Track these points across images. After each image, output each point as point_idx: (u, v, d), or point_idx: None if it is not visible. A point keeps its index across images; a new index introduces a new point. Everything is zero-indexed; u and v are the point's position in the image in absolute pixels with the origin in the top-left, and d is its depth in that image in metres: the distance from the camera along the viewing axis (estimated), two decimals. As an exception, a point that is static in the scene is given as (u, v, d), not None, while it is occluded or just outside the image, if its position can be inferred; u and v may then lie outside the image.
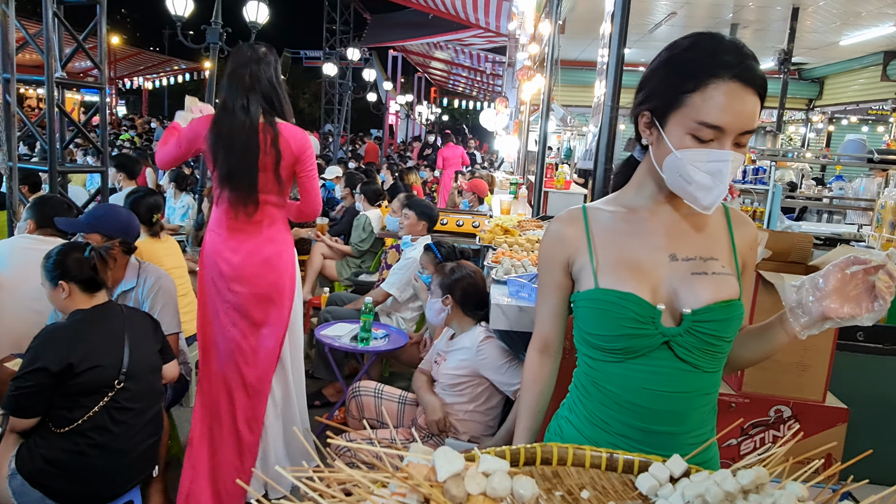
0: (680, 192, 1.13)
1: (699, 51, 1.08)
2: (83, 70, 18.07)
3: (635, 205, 1.23)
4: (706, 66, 1.06)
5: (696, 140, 1.07)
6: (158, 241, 3.44)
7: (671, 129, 1.10)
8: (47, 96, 3.89)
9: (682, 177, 1.10)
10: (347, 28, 17.33)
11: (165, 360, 2.48)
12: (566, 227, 1.26)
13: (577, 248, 1.23)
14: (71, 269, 2.23)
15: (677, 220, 1.21)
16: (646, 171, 1.22)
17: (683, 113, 1.08)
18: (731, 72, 1.04)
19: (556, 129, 11.82)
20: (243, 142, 2.44)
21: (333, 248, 5.52)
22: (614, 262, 1.18)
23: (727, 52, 1.06)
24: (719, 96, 1.04)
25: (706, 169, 1.07)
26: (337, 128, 15.08)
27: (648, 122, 1.15)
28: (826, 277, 1.02)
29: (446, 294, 2.72)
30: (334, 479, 0.75)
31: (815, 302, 1.04)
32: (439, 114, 33.68)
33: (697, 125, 1.06)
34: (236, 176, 2.47)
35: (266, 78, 2.51)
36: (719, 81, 1.05)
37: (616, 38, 2.40)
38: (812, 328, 1.05)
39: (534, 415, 1.36)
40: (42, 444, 2.12)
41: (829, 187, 9.15)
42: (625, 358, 1.16)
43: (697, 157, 1.07)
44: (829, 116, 13.78)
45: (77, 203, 3.97)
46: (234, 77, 2.50)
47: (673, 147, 1.09)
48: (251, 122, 2.45)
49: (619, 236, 1.21)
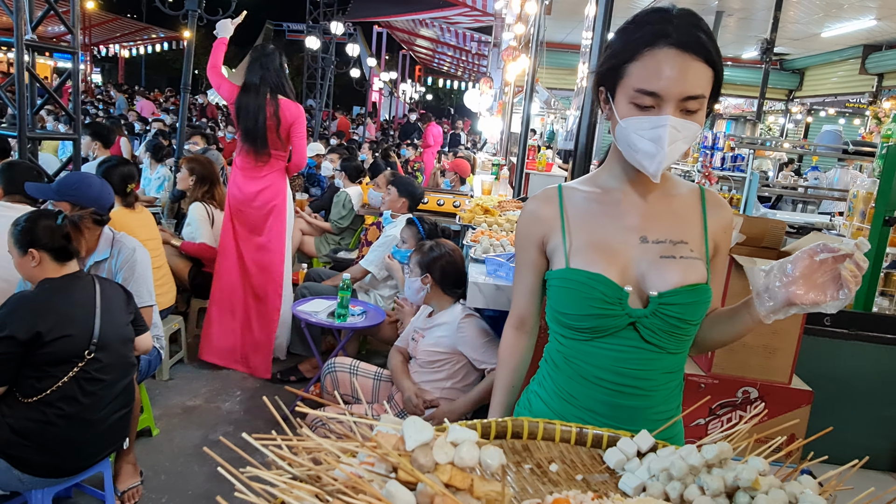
0: (632, 162, 1.14)
1: (641, 24, 1.10)
2: (56, 35, 17.55)
3: (609, 185, 1.24)
4: (644, 37, 1.08)
5: (637, 108, 1.09)
6: (133, 212, 3.38)
7: (618, 101, 1.13)
8: (17, 59, 3.77)
9: (629, 146, 1.12)
10: (332, 1, 17.02)
11: (138, 331, 2.45)
12: (542, 206, 1.26)
13: (551, 227, 1.24)
14: (42, 236, 2.17)
15: (650, 201, 1.22)
16: (613, 150, 1.23)
17: (624, 83, 1.10)
18: (668, 40, 1.06)
19: (540, 111, 11.80)
20: (255, 111, 3.63)
21: (313, 225, 5.48)
22: (586, 242, 1.19)
23: (667, 22, 1.07)
24: (654, 64, 1.06)
25: (648, 136, 1.08)
26: (319, 103, 14.87)
27: (604, 97, 1.17)
28: (795, 263, 1.02)
29: (425, 273, 2.72)
30: (303, 447, 0.75)
31: (781, 287, 1.03)
32: (423, 93, 33.40)
33: (635, 93, 1.08)
34: (251, 134, 3.68)
35: (272, 68, 3.67)
36: (655, 49, 1.06)
37: (600, 20, 2.39)
38: (778, 313, 1.06)
39: (508, 390, 1.38)
40: (9, 413, 2.09)
41: (804, 177, 9.28)
42: (592, 337, 1.18)
43: (639, 124, 1.09)
44: (807, 108, 13.95)
45: (48, 171, 3.88)
46: (251, 67, 3.67)
47: (619, 117, 1.12)
48: (260, 99, 3.64)
49: (592, 217, 1.22)
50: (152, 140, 6.21)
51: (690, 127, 1.08)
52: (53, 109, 7.93)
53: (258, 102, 3.62)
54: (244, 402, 3.55)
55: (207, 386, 3.70)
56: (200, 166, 4.16)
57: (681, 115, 1.08)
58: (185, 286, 4.08)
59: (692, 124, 1.08)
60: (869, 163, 5.18)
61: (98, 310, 2.21)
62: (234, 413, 3.43)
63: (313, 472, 0.69)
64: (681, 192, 1.25)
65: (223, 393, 3.64)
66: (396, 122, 21.93)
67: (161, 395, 3.52)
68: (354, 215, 5.39)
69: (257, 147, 3.69)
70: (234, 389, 3.69)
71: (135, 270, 2.78)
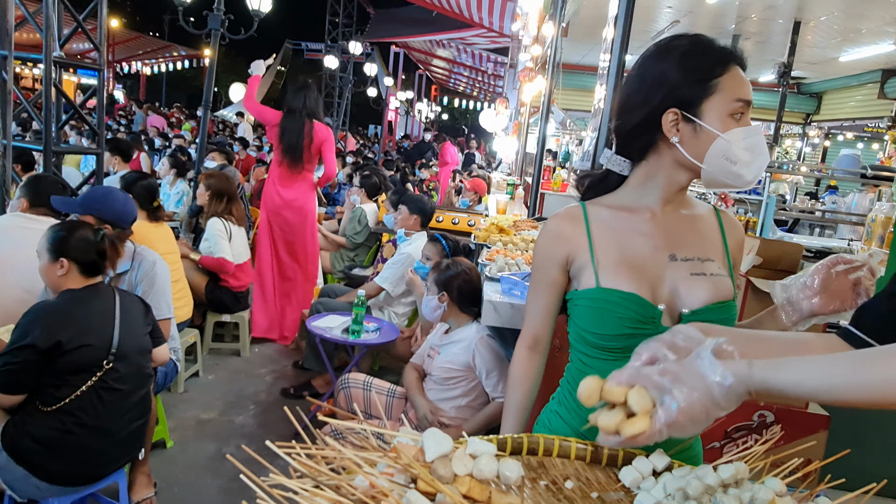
0: (721, 176, 1.16)
1: (703, 44, 1.17)
2: (80, 52, 17.95)
3: (633, 204, 1.24)
4: (721, 53, 1.15)
5: (734, 120, 1.14)
6: (153, 226, 3.43)
7: (709, 118, 1.15)
8: (44, 75, 3.87)
9: (728, 159, 1.14)
10: (350, 21, 17.28)
11: (156, 343, 2.48)
12: (566, 224, 1.26)
13: (577, 245, 1.23)
14: (75, 248, 2.20)
15: (675, 220, 1.23)
16: (647, 173, 1.23)
17: (719, 97, 1.14)
18: (735, 58, 1.16)
19: (556, 132, 11.84)
20: (295, 132, 4.42)
21: (329, 239, 5.53)
22: (615, 261, 1.19)
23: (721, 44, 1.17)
24: (739, 76, 1.15)
25: (746, 145, 1.14)
26: (336, 121, 15.04)
27: (676, 118, 1.16)
28: (814, 276, 1.08)
29: (442, 291, 2.73)
30: (323, 456, 0.76)
31: (804, 300, 1.11)
32: (439, 112, 33.64)
33: (735, 103, 1.14)
34: (291, 149, 4.44)
35: (309, 97, 4.48)
36: (734, 64, 1.15)
37: (618, 43, 2.41)
38: (801, 324, 1.13)
39: (521, 411, 1.36)
40: (29, 421, 2.12)
41: (821, 201, 9.21)
42: (623, 356, 1.17)
43: (742, 135, 1.14)
44: (825, 132, 13.87)
45: (70, 184, 3.96)
46: (295, 95, 4.48)
47: (719, 132, 1.14)
48: (300, 122, 4.43)
49: (620, 235, 1.22)
50: (175, 155, 6.30)
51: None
52: (76, 124, 8.09)
53: (298, 125, 4.41)
54: (258, 416, 3.56)
55: (222, 399, 3.72)
56: (218, 182, 4.22)
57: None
58: (201, 300, 4.12)
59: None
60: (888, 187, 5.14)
61: (117, 320, 2.24)
62: (247, 427, 3.44)
63: (334, 482, 0.71)
64: (701, 212, 1.28)
65: (237, 406, 3.66)
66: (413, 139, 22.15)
67: (176, 407, 3.54)
68: (369, 232, 5.43)
69: (295, 160, 4.46)
70: (247, 403, 3.71)
71: (154, 283, 2.82)
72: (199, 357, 3.98)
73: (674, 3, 7.84)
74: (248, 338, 4.43)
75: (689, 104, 1.15)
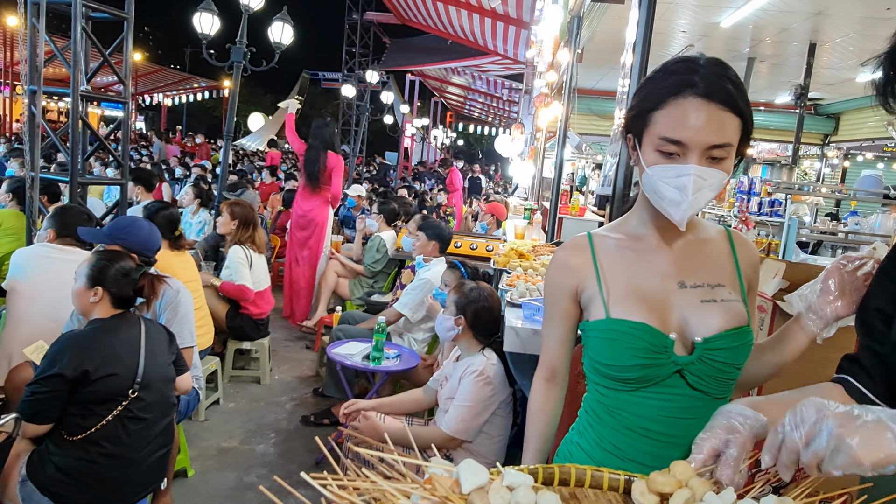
0: (659, 209, 1.14)
1: (668, 72, 1.11)
2: (104, 85, 18.42)
3: (639, 231, 1.24)
4: (670, 86, 1.08)
5: (663, 156, 1.10)
6: (175, 254, 3.48)
7: (644, 149, 1.13)
8: (72, 109, 3.96)
9: (655, 193, 1.12)
10: (367, 51, 17.60)
11: (179, 372, 2.49)
12: (572, 255, 1.25)
13: (584, 276, 1.22)
14: (112, 279, 2.24)
15: (682, 246, 1.22)
16: (641, 196, 1.23)
17: (650, 131, 1.11)
18: (693, 90, 1.06)
19: (572, 156, 11.87)
20: (314, 160, 5.56)
21: (347, 267, 5.55)
22: (624, 291, 1.18)
23: (694, 72, 1.07)
24: (679, 113, 1.07)
25: (673, 184, 1.08)
26: (353, 148, 15.22)
27: (632, 144, 1.18)
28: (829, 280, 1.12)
29: (460, 314, 2.70)
30: (354, 487, 0.75)
31: (827, 305, 1.13)
32: (454, 138, 33.92)
33: (660, 140, 1.09)
34: (309, 175, 5.59)
35: (327, 132, 5.63)
36: (680, 98, 1.07)
37: (637, 68, 2.43)
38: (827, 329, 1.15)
39: (542, 442, 1.34)
40: (54, 451, 2.13)
41: (843, 223, 9.11)
42: (637, 387, 1.16)
43: (664, 172, 1.09)
44: (844, 152, 13.76)
45: (94, 214, 4.03)
46: (317, 131, 5.60)
47: (645, 165, 1.12)
48: (318, 151, 5.56)
49: (627, 264, 1.21)
50: (198, 185, 6.40)
51: (716, 175, 1.08)
52: (99, 155, 8.26)
53: (315, 155, 5.56)
54: (278, 445, 3.55)
55: (242, 427, 3.72)
56: (243, 210, 4.26)
57: (707, 163, 1.08)
58: (222, 327, 4.15)
59: (718, 172, 1.09)
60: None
61: (143, 349, 2.26)
62: (268, 455, 3.43)
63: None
64: (710, 235, 1.26)
65: (258, 435, 3.65)
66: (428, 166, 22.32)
67: (197, 435, 3.54)
68: (388, 259, 5.45)
69: (314, 183, 5.61)
70: (268, 432, 3.70)
71: (178, 311, 2.84)
72: (220, 385, 3.99)
73: (688, 27, 7.90)
74: (267, 365, 4.44)
75: (636, 132, 1.15)
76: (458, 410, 2.48)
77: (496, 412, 2.54)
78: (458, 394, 2.52)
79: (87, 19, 4.08)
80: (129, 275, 2.26)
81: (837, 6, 6.44)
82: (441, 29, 14.15)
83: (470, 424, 2.47)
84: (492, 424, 2.55)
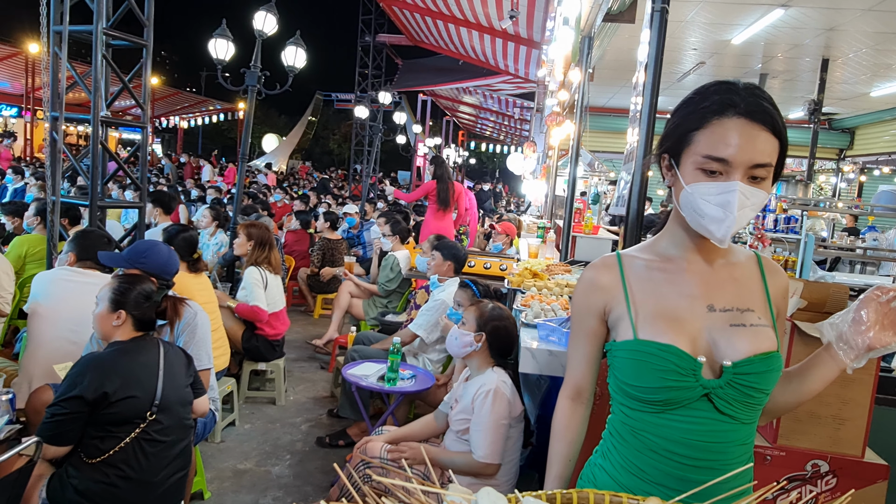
0: (697, 228, 1.15)
1: (708, 94, 1.13)
2: (122, 109, 18.74)
3: (670, 253, 1.24)
4: (712, 106, 1.11)
5: (704, 174, 1.11)
6: (192, 276, 3.51)
7: (684, 167, 1.14)
8: (92, 134, 4.04)
9: (695, 211, 1.13)
10: (379, 72, 17.79)
11: (196, 394, 2.50)
12: (601, 274, 1.26)
13: (613, 296, 1.23)
14: (136, 303, 2.27)
15: (713, 269, 1.22)
16: (674, 217, 1.23)
17: (691, 150, 1.13)
18: (735, 110, 1.09)
19: (584, 174, 11.87)
20: (445, 189, 6.95)
21: (361, 287, 5.56)
22: (653, 312, 1.18)
23: (734, 93, 1.11)
24: (723, 131, 1.09)
25: (716, 201, 1.09)
26: (366, 168, 15.34)
27: (667, 164, 1.19)
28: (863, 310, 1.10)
29: (480, 331, 2.68)
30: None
31: (859, 335, 1.11)
32: (466, 157, 34.06)
33: (703, 159, 1.10)
34: (444, 199, 6.93)
35: (445, 168, 7.06)
36: (723, 118, 1.10)
37: (650, 86, 2.44)
38: (858, 360, 1.13)
39: (566, 463, 1.34)
40: (73, 474, 2.15)
41: (861, 238, 9.00)
42: (664, 409, 1.15)
43: (707, 189, 1.10)
44: (860, 167, 13.64)
45: (113, 237, 4.09)
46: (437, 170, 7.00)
47: (685, 183, 1.13)
48: (447, 182, 6.99)
49: (656, 285, 1.21)
50: (216, 207, 6.45)
51: (758, 194, 1.10)
52: (118, 178, 8.39)
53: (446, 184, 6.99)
54: (293, 467, 3.54)
55: (258, 449, 3.72)
56: (259, 231, 4.31)
57: (748, 182, 1.10)
58: (237, 348, 4.17)
59: (760, 192, 1.10)
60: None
61: (161, 372, 2.28)
62: (283, 477, 3.43)
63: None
64: (740, 260, 1.26)
65: (273, 456, 3.65)
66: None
67: (213, 457, 3.55)
68: (402, 278, 5.46)
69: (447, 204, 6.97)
70: (283, 453, 3.70)
71: (195, 334, 2.87)
72: (236, 406, 4.00)
73: (699, 45, 7.91)
74: (283, 385, 4.45)
75: (674, 151, 1.16)
76: (484, 434, 2.45)
77: (509, 434, 2.52)
78: (476, 418, 2.49)
79: (108, 47, 4.17)
80: (150, 297, 2.29)
81: (850, 22, 6.43)
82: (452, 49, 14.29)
83: (500, 446, 2.45)
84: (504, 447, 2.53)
